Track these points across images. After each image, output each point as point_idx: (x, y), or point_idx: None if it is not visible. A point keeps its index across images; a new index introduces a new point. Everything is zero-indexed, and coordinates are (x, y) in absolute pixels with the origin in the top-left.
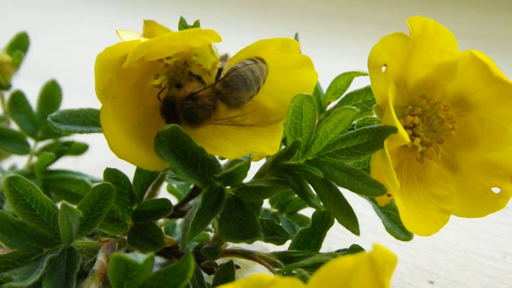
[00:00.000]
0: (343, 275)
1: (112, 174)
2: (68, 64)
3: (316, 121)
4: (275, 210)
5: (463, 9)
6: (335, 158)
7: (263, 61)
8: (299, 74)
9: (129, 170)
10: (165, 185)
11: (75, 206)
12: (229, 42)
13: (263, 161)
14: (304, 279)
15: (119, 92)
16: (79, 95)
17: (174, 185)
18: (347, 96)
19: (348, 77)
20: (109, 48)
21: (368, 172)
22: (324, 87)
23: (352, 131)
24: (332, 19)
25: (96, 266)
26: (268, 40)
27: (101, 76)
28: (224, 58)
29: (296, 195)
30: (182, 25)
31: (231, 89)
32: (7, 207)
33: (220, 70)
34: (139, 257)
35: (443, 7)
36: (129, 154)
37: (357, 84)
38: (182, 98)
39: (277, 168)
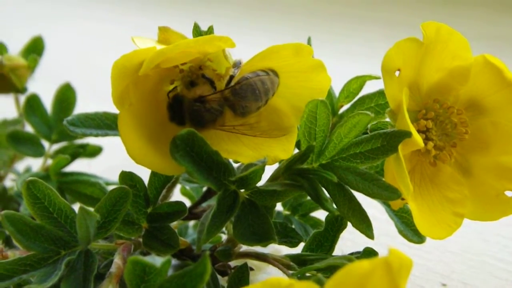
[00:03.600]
0: (359, 279)
1: (128, 177)
2: (81, 65)
3: (330, 125)
4: (287, 212)
5: (473, 10)
6: (349, 162)
7: (275, 73)
8: (312, 78)
9: (142, 172)
10: (178, 187)
11: (91, 209)
12: (238, 41)
13: (277, 165)
14: (320, 283)
15: (135, 99)
16: (91, 96)
17: (187, 187)
18: (359, 99)
19: (360, 80)
20: (125, 56)
21: (381, 175)
22: (334, 89)
23: (366, 136)
24: (339, 20)
25: (113, 269)
26: (281, 45)
27: (118, 83)
28: (237, 64)
29: (308, 197)
30: (196, 31)
31: (240, 97)
32: (24, 209)
33: (231, 77)
34: (156, 260)
35: (452, 8)
36: (147, 160)
37: (369, 86)
38: (191, 99)
39: (291, 172)
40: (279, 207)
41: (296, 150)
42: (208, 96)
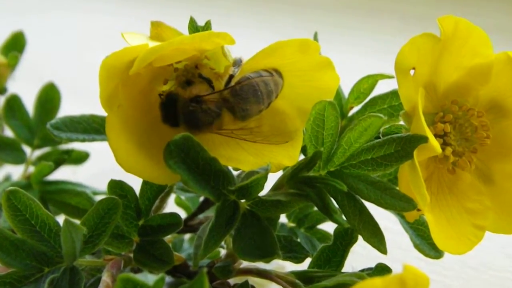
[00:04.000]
0: None
1: (117, 186)
2: (66, 62)
3: (339, 128)
4: (292, 225)
5: (491, 1)
6: (360, 170)
7: (279, 74)
8: (319, 77)
9: (132, 181)
10: (172, 196)
11: (77, 221)
12: (238, 36)
13: (280, 172)
14: None
15: (125, 100)
16: (77, 97)
17: (183, 197)
18: (371, 100)
19: (372, 80)
20: (115, 54)
21: (395, 184)
22: (343, 88)
23: (378, 140)
24: (349, 12)
25: (101, 287)
26: (285, 41)
27: (107, 83)
28: (238, 63)
29: (315, 208)
30: (193, 26)
31: (240, 99)
32: (4, 222)
33: (231, 76)
34: (148, 277)
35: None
36: (138, 167)
37: (382, 86)
38: (187, 99)
39: (297, 180)
40: (283, 219)
41: (302, 156)
42: (205, 96)
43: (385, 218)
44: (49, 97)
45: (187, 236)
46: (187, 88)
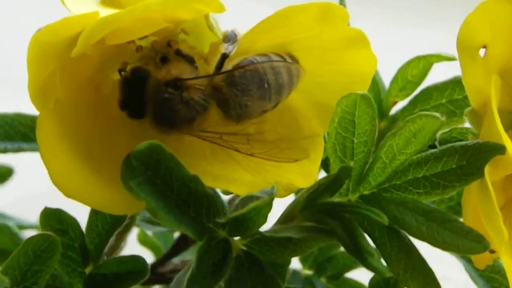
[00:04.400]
0: None
1: (54, 217)
2: None
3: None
4: (308, 272)
5: None
6: (407, 193)
7: (296, 61)
8: (348, 59)
9: (77, 208)
10: (134, 232)
11: None
12: (235, 11)
13: (291, 198)
14: None
15: (65, 93)
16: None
17: (149, 233)
18: (422, 92)
19: (424, 63)
20: (50, 27)
21: (457, 214)
22: (384, 78)
23: (433, 151)
24: None
25: None
26: (299, 6)
27: (38, 69)
28: (231, 38)
29: (341, 249)
30: None
31: (238, 90)
32: None
33: (225, 56)
34: None
35: None
36: (83, 190)
37: (438, 72)
38: (161, 81)
39: (315, 209)
40: (295, 263)
41: (322, 174)
42: (189, 81)
43: (443, 263)
44: None
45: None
46: (162, 66)
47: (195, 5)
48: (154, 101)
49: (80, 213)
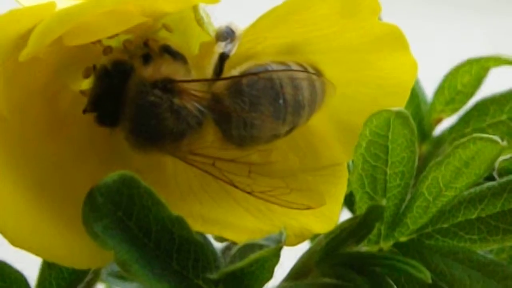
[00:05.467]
0: None
1: None
2: None
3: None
4: None
5: None
6: (456, 240)
7: (321, 74)
8: (379, 64)
9: (25, 260)
10: None
11: None
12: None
13: (304, 246)
14: None
15: (10, 109)
16: None
17: None
18: (476, 106)
19: (477, 68)
20: None
21: None
22: (425, 87)
23: (490, 185)
24: None
25: None
26: None
27: None
28: (227, 35)
29: None
30: None
31: (245, 102)
32: None
33: (223, 57)
34: None
35: None
36: (30, 237)
37: (495, 80)
38: (147, 80)
39: (336, 261)
40: None
41: (346, 215)
42: (184, 84)
43: None
44: None
45: None
46: (149, 64)
47: None
48: (134, 104)
49: (29, 265)
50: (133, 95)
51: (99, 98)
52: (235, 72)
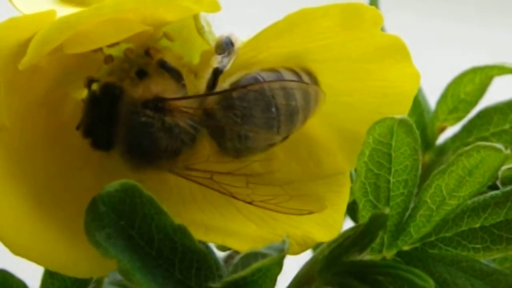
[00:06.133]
0: None
1: None
2: None
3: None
4: None
5: None
6: (460, 249)
7: (314, 80)
8: (381, 74)
9: (26, 269)
10: None
11: None
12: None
13: (307, 255)
14: None
15: (11, 118)
16: None
17: None
18: (480, 115)
19: (481, 76)
20: None
21: None
22: (428, 96)
23: (494, 194)
24: None
25: None
26: (317, 9)
27: None
28: (227, 46)
29: None
30: None
31: (237, 116)
32: None
33: (217, 72)
34: None
35: None
36: (32, 246)
37: (499, 89)
38: (137, 101)
39: (339, 269)
40: None
41: (349, 223)
42: (175, 101)
43: None
44: None
45: None
46: (139, 82)
47: (182, 2)
48: (126, 126)
49: (31, 275)
50: (125, 117)
51: (91, 125)
52: (226, 85)
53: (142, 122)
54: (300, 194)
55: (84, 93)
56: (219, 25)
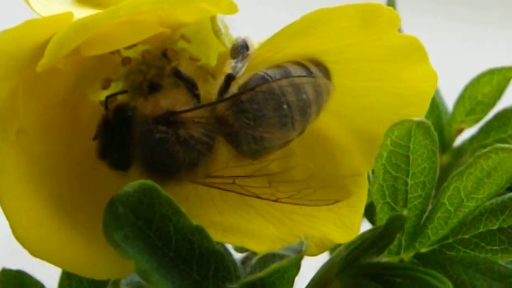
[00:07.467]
0: None
1: (13, 282)
2: None
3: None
4: None
5: None
6: (478, 251)
7: (325, 71)
8: (399, 75)
9: (47, 271)
10: None
11: None
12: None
13: (324, 256)
14: None
15: (30, 120)
16: None
17: None
18: (497, 117)
19: (498, 78)
20: (9, 34)
21: None
22: (446, 97)
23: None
24: None
25: None
26: (334, 10)
27: None
28: (242, 49)
29: None
30: None
31: (249, 119)
32: None
33: (230, 77)
34: None
35: None
36: (51, 247)
37: None
38: (149, 118)
39: (357, 271)
40: None
41: (367, 226)
42: (185, 113)
43: None
44: None
45: None
46: (149, 97)
47: (199, 4)
48: (142, 145)
49: (49, 275)
50: (139, 136)
51: (106, 148)
52: (234, 88)
53: (156, 139)
54: (324, 186)
55: (102, 95)
56: (236, 26)
